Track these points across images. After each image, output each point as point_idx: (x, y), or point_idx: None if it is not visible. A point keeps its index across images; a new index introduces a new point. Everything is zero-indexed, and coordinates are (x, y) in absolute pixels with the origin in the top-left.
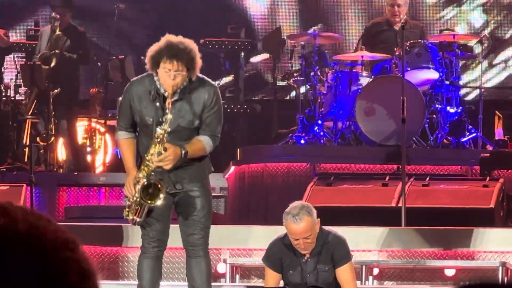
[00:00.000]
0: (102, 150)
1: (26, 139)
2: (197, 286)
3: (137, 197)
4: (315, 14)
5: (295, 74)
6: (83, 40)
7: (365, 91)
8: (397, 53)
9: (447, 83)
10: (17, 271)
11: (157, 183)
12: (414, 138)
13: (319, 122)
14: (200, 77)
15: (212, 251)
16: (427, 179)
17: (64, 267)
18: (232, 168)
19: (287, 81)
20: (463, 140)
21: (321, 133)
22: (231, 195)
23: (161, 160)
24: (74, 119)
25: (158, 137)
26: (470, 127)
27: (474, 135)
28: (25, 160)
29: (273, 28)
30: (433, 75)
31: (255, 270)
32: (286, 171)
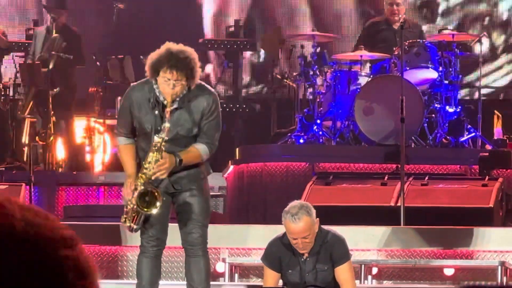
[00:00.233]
0: (101, 149)
1: (25, 139)
2: (196, 285)
3: (134, 205)
4: (314, 14)
5: (294, 74)
6: (78, 41)
7: (364, 90)
8: (396, 52)
9: (446, 82)
10: (13, 268)
11: (154, 191)
12: (413, 138)
13: (318, 121)
14: (199, 84)
15: (211, 250)
16: (426, 178)
17: (62, 265)
18: (231, 168)
19: (286, 80)
20: (462, 139)
21: (320, 133)
22: (230, 195)
23: (156, 170)
24: (71, 118)
25: (156, 145)
26: (469, 126)
27: (473, 134)
28: (24, 159)
29: (272, 28)
30: (432, 74)
31: (254, 270)
32: (285, 170)
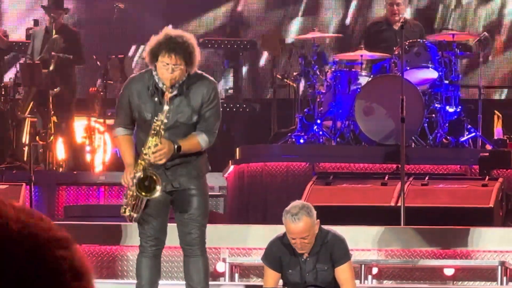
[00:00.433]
0: (101, 149)
1: (25, 138)
2: (195, 285)
3: (133, 190)
4: (314, 14)
5: (294, 74)
6: (77, 41)
7: (364, 90)
8: (396, 52)
9: (446, 82)
10: (8, 270)
11: (153, 175)
12: (413, 138)
13: (318, 121)
14: (199, 72)
15: (211, 250)
16: (426, 178)
17: (57, 265)
18: (231, 167)
19: (286, 80)
20: (462, 139)
21: (320, 133)
22: (230, 194)
23: (154, 154)
24: (72, 118)
25: (155, 129)
26: (469, 126)
27: (473, 134)
28: (25, 159)
29: (272, 28)
30: (432, 74)
31: (254, 269)
32: (285, 170)
